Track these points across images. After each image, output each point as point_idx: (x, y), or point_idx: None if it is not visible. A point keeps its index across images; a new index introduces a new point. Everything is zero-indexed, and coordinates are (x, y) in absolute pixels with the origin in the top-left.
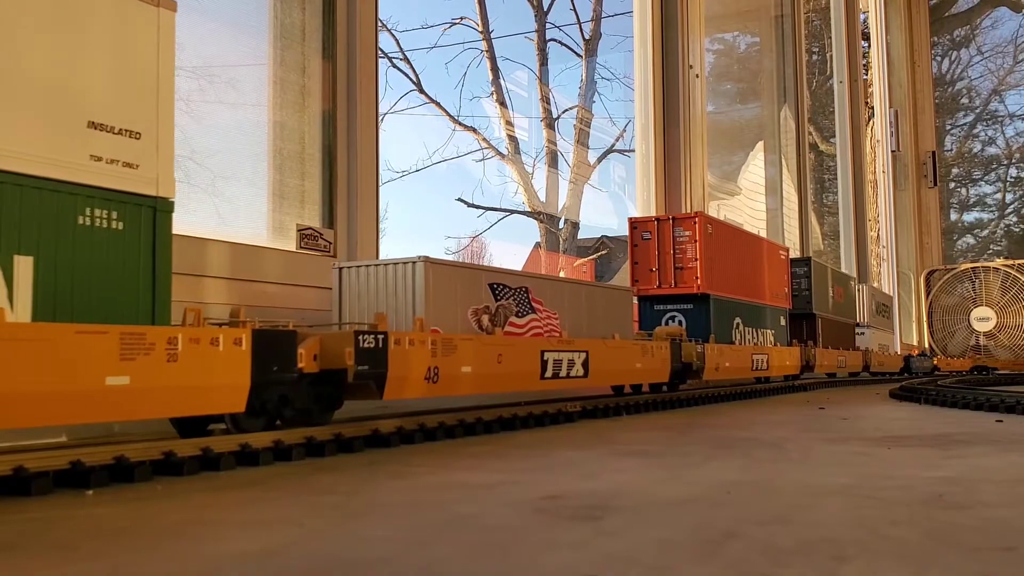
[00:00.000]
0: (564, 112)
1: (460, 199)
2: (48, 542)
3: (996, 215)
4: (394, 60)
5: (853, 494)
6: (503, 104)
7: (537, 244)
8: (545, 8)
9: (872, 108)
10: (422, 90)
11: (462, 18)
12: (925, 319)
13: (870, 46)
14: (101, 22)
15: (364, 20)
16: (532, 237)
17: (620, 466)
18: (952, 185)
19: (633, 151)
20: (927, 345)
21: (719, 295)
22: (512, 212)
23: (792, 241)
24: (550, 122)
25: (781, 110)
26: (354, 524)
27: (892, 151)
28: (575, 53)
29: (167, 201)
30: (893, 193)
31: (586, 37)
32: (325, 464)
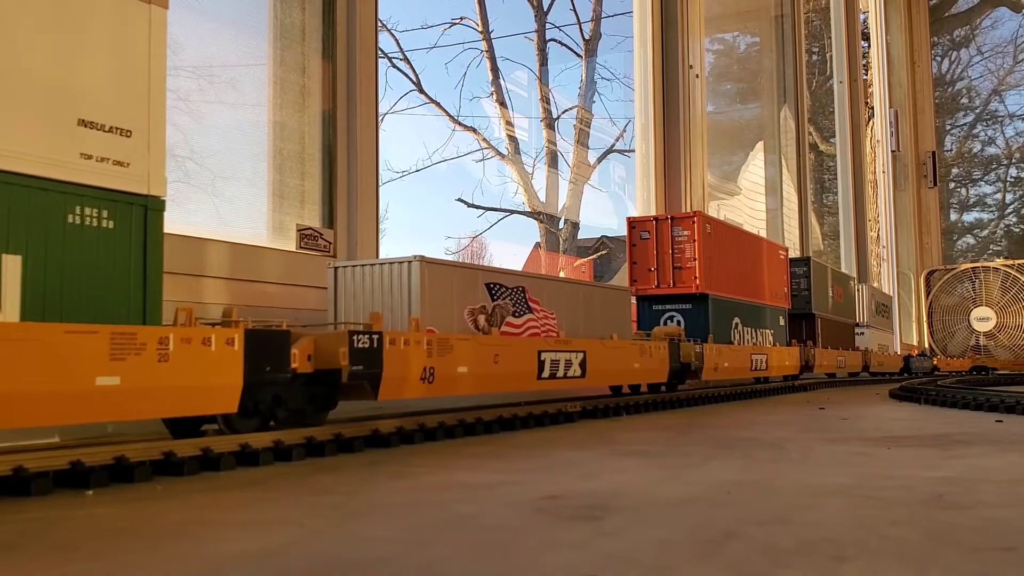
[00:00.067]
0: (564, 112)
1: (460, 199)
2: (48, 542)
3: (996, 215)
4: (394, 60)
5: (853, 494)
6: (503, 104)
7: (537, 244)
8: (545, 8)
9: (872, 108)
10: (422, 90)
11: (462, 18)
12: (925, 319)
13: (870, 46)
14: (92, 19)
15: (364, 20)
16: (532, 237)
17: (620, 466)
18: (952, 185)
19: (633, 151)
20: (927, 345)
21: (718, 295)
22: (512, 212)
23: (792, 241)
24: (550, 122)
25: (781, 110)
26: (354, 524)
27: (892, 151)
28: (575, 53)
29: (158, 200)
30: (893, 193)
31: (586, 37)
32: (325, 464)
